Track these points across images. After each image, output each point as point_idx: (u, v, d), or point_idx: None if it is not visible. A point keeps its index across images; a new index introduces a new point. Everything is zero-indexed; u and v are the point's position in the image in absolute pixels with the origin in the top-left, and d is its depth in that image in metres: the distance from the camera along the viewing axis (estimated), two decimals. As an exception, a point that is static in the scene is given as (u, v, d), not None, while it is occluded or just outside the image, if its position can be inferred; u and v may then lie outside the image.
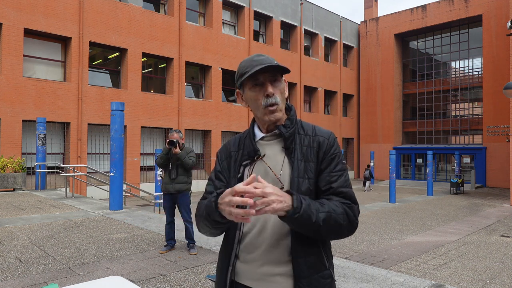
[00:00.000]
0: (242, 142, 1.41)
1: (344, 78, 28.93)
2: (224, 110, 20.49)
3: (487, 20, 23.82)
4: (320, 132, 1.36)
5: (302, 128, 1.37)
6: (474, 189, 22.27)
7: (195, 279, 4.13)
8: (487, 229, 9.97)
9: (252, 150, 1.34)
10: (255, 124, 1.42)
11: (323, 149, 1.32)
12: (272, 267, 1.27)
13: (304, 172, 1.29)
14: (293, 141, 1.33)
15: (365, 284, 4.01)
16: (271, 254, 1.27)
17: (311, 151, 1.31)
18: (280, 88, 1.33)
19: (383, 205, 14.54)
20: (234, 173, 1.37)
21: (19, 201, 9.41)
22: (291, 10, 24.64)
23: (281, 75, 1.34)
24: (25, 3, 14.04)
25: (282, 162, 1.31)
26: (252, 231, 1.31)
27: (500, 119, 23.10)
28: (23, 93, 13.95)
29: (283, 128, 1.33)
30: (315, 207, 1.18)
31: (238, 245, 1.33)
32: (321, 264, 1.29)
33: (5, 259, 4.72)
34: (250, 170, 1.34)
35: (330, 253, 1.36)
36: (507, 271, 6.06)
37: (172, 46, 18.30)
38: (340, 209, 1.23)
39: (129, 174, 16.56)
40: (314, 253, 1.28)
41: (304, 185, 1.28)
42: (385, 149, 27.77)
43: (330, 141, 1.34)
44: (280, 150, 1.34)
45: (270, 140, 1.36)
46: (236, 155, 1.40)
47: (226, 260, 1.35)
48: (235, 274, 1.33)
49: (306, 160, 1.30)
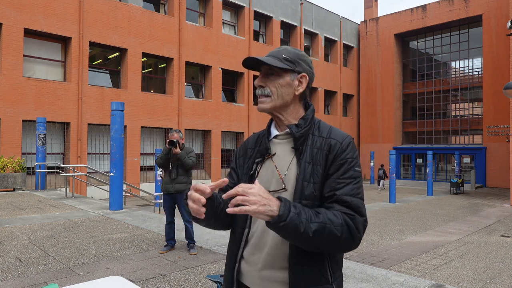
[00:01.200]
0: (259, 139, 1.39)
1: (344, 78, 28.93)
2: (224, 110, 20.49)
3: (487, 20, 23.82)
4: (334, 135, 1.28)
5: (318, 129, 1.31)
6: (474, 189, 22.28)
7: (195, 279, 4.14)
8: (487, 229, 9.97)
9: (264, 148, 1.33)
10: (273, 121, 1.39)
11: (334, 152, 1.23)
12: (271, 272, 1.24)
13: (310, 175, 1.22)
14: (305, 142, 1.28)
15: (365, 284, 4.01)
16: (272, 258, 1.23)
17: (321, 154, 1.24)
18: (276, 82, 1.29)
19: (383, 205, 14.54)
20: (247, 170, 1.36)
21: (19, 201, 9.41)
22: (291, 10, 24.64)
23: (282, 70, 1.30)
24: (25, 3, 14.04)
25: (290, 163, 1.27)
26: (257, 231, 1.28)
27: (500, 119, 23.10)
28: (23, 93, 13.95)
29: (295, 128, 1.29)
30: (307, 216, 1.10)
31: (245, 244, 1.30)
32: (322, 276, 1.21)
33: (5, 259, 4.72)
34: (259, 168, 1.33)
35: (337, 266, 1.26)
36: (507, 271, 6.06)
37: (172, 46, 18.30)
38: (340, 220, 1.13)
39: (129, 174, 16.56)
40: (315, 263, 1.20)
41: (308, 189, 1.21)
42: (385, 149, 27.78)
43: (343, 145, 1.24)
44: (290, 150, 1.30)
45: (283, 139, 1.33)
46: (251, 152, 1.38)
47: (233, 257, 1.33)
48: (239, 273, 1.31)
49: (314, 163, 1.23)
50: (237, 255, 1.31)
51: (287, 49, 1.32)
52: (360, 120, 30.16)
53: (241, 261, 1.31)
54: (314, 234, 1.09)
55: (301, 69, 1.32)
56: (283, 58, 1.30)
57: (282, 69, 1.30)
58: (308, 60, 1.35)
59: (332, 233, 1.11)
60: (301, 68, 1.32)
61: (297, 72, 1.31)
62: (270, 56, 1.31)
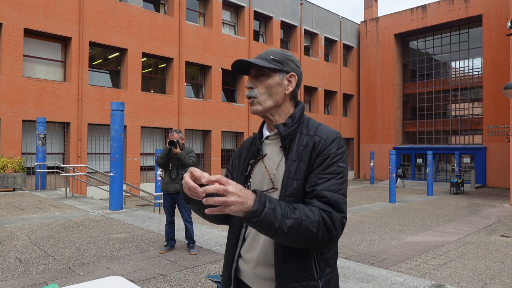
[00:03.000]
0: (254, 141, 1.42)
1: (344, 78, 28.93)
2: (224, 110, 20.49)
3: (487, 20, 23.82)
4: (320, 132, 1.28)
5: (306, 127, 1.32)
6: (474, 189, 22.27)
7: (195, 279, 4.14)
8: (487, 229, 9.97)
9: (256, 150, 1.37)
10: (265, 123, 1.42)
11: (317, 149, 1.24)
12: (264, 269, 1.26)
13: (294, 173, 1.23)
14: (292, 141, 1.29)
15: (365, 284, 4.01)
16: (264, 256, 1.26)
17: (306, 151, 1.26)
18: (266, 83, 1.32)
19: (383, 205, 14.54)
20: (242, 171, 1.39)
21: (19, 201, 9.41)
22: (291, 10, 24.64)
23: (271, 70, 1.32)
24: (25, 3, 14.04)
25: (278, 163, 1.29)
26: (252, 230, 1.30)
27: (500, 119, 23.10)
28: (23, 93, 13.95)
29: (282, 127, 1.31)
30: (283, 212, 1.09)
31: (243, 243, 1.33)
32: (306, 272, 1.20)
33: (5, 259, 4.72)
34: (252, 170, 1.36)
35: (326, 263, 1.24)
36: (507, 271, 6.06)
37: (172, 46, 18.30)
38: (316, 216, 1.12)
39: (129, 174, 16.56)
40: (299, 259, 1.20)
41: (291, 186, 1.22)
42: (385, 149, 27.79)
43: (327, 141, 1.25)
44: (279, 150, 1.32)
45: (273, 139, 1.36)
46: (246, 154, 1.42)
47: (231, 256, 1.35)
48: (238, 271, 1.34)
49: (299, 160, 1.25)
50: (235, 254, 1.34)
51: (274, 51, 1.35)
52: (360, 120, 30.16)
53: (239, 259, 1.34)
54: (289, 230, 1.08)
55: (289, 68, 1.34)
56: (271, 59, 1.32)
57: (270, 69, 1.32)
58: (295, 60, 1.38)
59: (308, 229, 1.10)
60: (289, 68, 1.34)
61: (286, 71, 1.34)
62: (258, 58, 1.34)
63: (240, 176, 1.38)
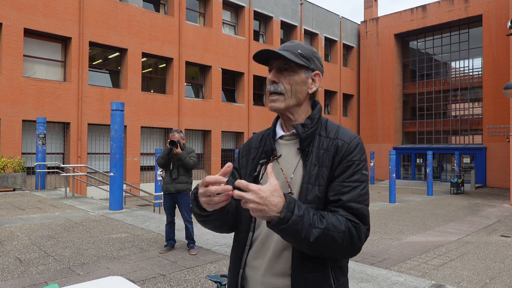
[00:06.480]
0: (264, 139, 1.32)
1: (344, 78, 28.94)
2: (224, 110, 20.49)
3: (487, 20, 23.82)
4: (342, 135, 1.21)
5: (325, 129, 1.24)
6: (474, 189, 22.27)
7: (195, 279, 4.14)
8: (487, 229, 9.97)
9: (270, 149, 1.26)
10: (278, 121, 1.33)
11: (340, 154, 1.17)
12: (273, 279, 1.18)
13: (316, 178, 1.16)
14: (311, 143, 1.21)
15: (365, 284, 4.00)
16: (274, 264, 1.18)
17: (328, 155, 1.18)
18: (291, 79, 1.22)
19: (383, 205, 14.54)
20: (251, 171, 1.29)
21: (19, 201, 9.41)
22: (291, 10, 24.64)
23: (298, 66, 1.23)
24: (25, 3, 14.04)
25: (296, 165, 1.21)
26: (260, 235, 1.22)
27: (500, 119, 23.10)
28: (23, 93, 13.95)
29: (301, 128, 1.22)
30: (311, 220, 1.05)
31: (249, 248, 1.24)
32: (325, 283, 1.15)
33: (5, 259, 4.72)
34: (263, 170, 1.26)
35: (341, 272, 1.20)
36: (507, 271, 6.06)
37: (172, 46, 18.30)
38: (343, 227, 1.08)
39: (129, 174, 16.56)
40: (318, 270, 1.15)
41: (313, 192, 1.15)
42: (385, 149, 27.79)
43: (351, 146, 1.18)
44: (296, 152, 1.23)
45: (289, 140, 1.26)
46: (255, 152, 1.32)
47: (238, 262, 1.26)
48: (244, 279, 1.25)
49: (320, 165, 1.17)
50: (242, 260, 1.25)
51: (301, 45, 1.26)
52: (360, 120, 30.16)
53: (245, 266, 1.25)
54: (315, 240, 1.05)
55: (315, 66, 1.27)
56: (299, 54, 1.23)
57: (298, 65, 1.23)
58: (320, 57, 1.31)
59: (333, 240, 1.07)
60: (315, 66, 1.27)
61: (311, 69, 1.26)
62: (285, 50, 1.23)
63: (249, 176, 1.28)
